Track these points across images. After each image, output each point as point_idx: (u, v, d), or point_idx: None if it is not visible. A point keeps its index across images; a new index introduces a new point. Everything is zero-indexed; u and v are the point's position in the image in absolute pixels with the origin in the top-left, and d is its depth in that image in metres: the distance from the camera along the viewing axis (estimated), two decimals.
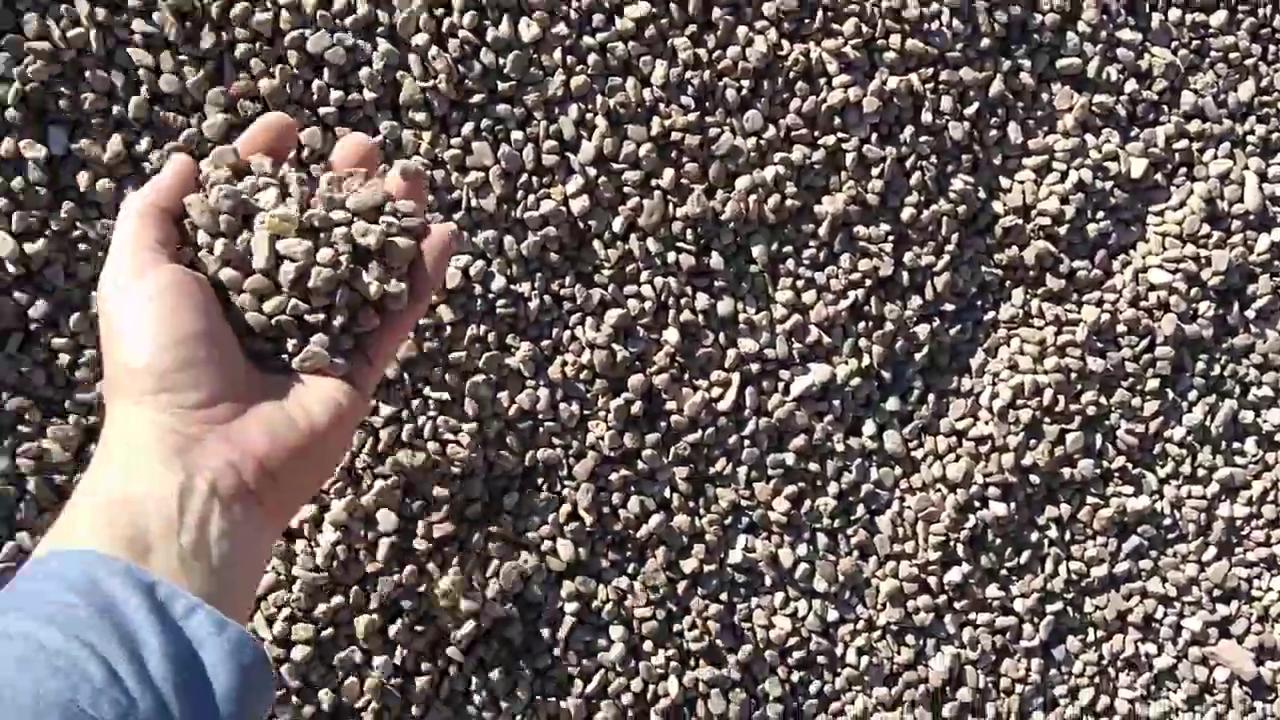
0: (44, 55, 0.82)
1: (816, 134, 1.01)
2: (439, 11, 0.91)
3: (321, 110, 0.89)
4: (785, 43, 0.99)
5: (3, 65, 0.83)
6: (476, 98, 0.93)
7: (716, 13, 0.97)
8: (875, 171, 1.02)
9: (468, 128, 0.93)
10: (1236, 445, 1.16)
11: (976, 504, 1.08)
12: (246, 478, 0.56)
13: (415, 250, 0.63)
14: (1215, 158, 1.13)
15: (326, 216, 0.60)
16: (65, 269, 0.85)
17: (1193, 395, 1.14)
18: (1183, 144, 1.11)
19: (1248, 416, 1.15)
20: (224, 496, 0.54)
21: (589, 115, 0.95)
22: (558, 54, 0.94)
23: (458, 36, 0.91)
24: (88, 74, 0.84)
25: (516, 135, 0.94)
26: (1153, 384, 1.12)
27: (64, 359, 0.86)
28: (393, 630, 0.91)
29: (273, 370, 0.62)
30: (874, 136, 1.02)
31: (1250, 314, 1.14)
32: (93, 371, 0.87)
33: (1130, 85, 1.10)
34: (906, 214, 1.04)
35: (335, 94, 0.89)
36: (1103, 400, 1.10)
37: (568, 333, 0.98)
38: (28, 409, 0.86)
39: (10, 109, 0.82)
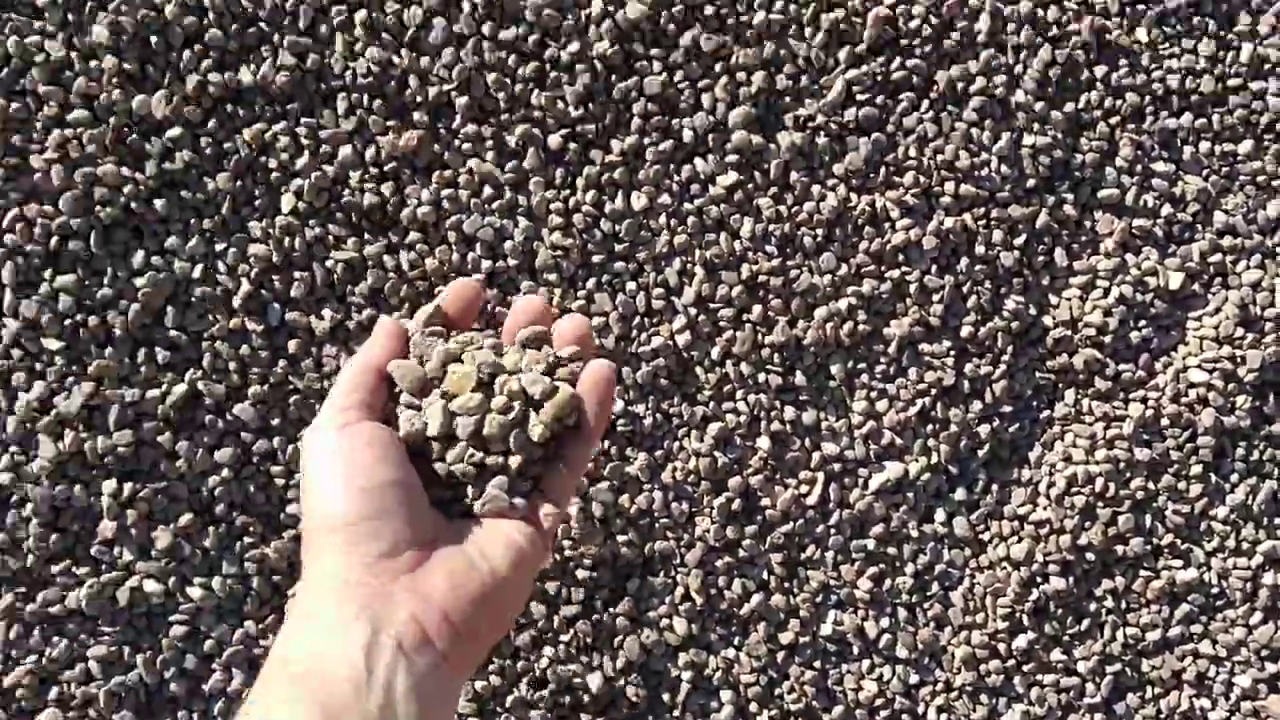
0: (262, 256, 1.06)
1: (883, 269, 1.19)
2: (565, 193, 1.13)
3: (474, 276, 1.11)
4: (853, 195, 1.18)
5: (233, 258, 1.07)
6: (597, 258, 1.14)
7: (794, 176, 1.17)
8: (936, 298, 1.20)
9: (591, 282, 1.14)
10: (1278, 520, 1.29)
11: (1039, 579, 1.24)
12: (431, 632, 0.58)
13: (577, 398, 0.67)
14: (1247, 268, 1.27)
15: (497, 365, 0.65)
16: (282, 412, 1.09)
17: (1234, 478, 1.28)
18: (1216, 258, 1.26)
19: None
20: (409, 652, 0.56)
21: (689, 265, 1.16)
22: (663, 219, 1.15)
23: (581, 211, 1.13)
24: (294, 267, 1.08)
25: (630, 285, 1.15)
26: (1196, 469, 1.27)
27: (279, 483, 1.09)
28: (538, 698, 1.12)
29: (457, 516, 0.66)
30: (934, 268, 1.20)
31: None
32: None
33: (1166, 209, 1.25)
34: (965, 331, 1.21)
35: (485, 263, 1.11)
36: (1150, 485, 1.26)
37: (676, 443, 1.18)
38: (252, 523, 1.09)
39: (237, 296, 1.06)
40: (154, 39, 1.03)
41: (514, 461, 0.65)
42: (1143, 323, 1.25)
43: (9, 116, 1.02)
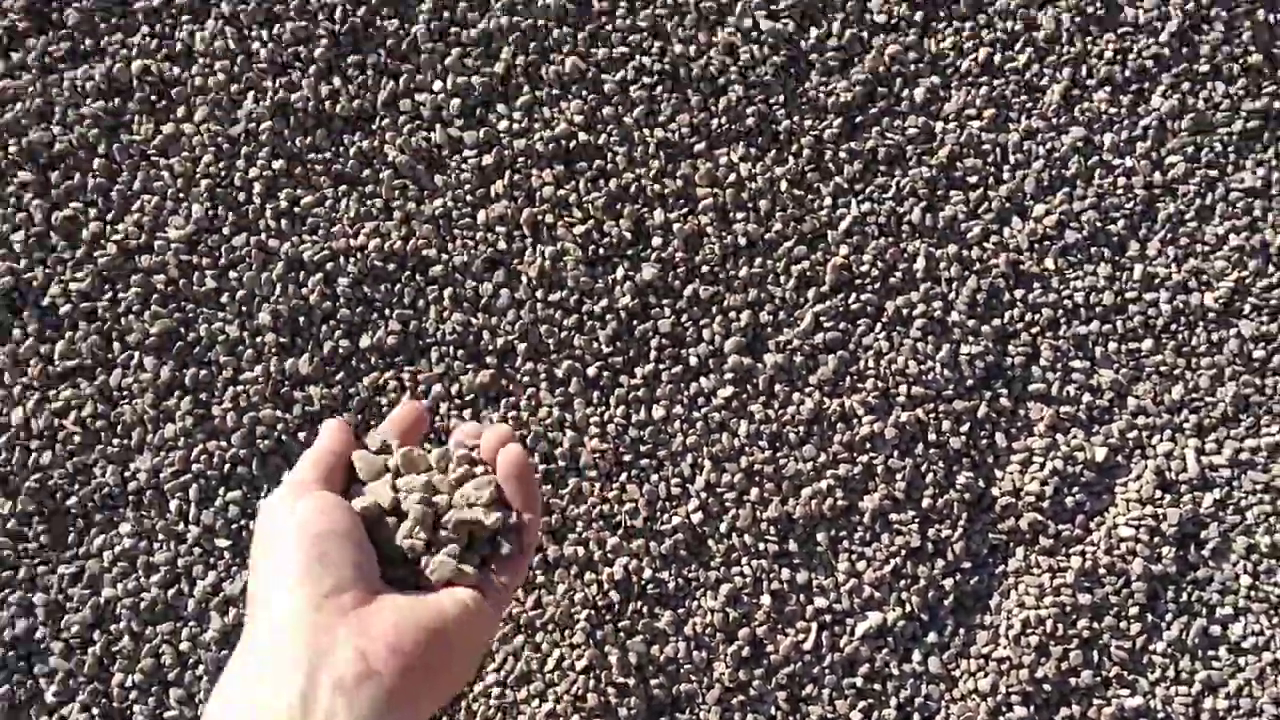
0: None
1: (855, 455, 1.53)
2: (601, 409, 1.50)
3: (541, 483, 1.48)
4: (826, 399, 1.53)
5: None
6: (627, 457, 1.50)
7: (778, 387, 1.52)
8: (899, 477, 1.53)
9: (623, 476, 1.50)
10: (1211, 652, 1.55)
11: (1004, 709, 1.52)
12: (375, 663, 0.58)
13: (503, 520, 0.78)
14: (1161, 441, 1.57)
15: (449, 500, 0.77)
16: None
17: (1168, 617, 1.55)
18: (1133, 434, 1.57)
19: (1216, 630, 1.55)
20: (351, 689, 0.56)
21: (699, 460, 1.51)
22: (677, 425, 1.51)
23: (614, 422, 1.49)
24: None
25: (654, 477, 1.50)
26: (1134, 610, 1.54)
27: None
28: None
29: (408, 590, 0.69)
30: (895, 453, 1.53)
31: (1206, 553, 1.56)
32: None
33: (1086, 397, 1.57)
34: (926, 503, 1.53)
35: (541, 465, 1.48)
36: (1095, 625, 1.54)
37: (695, 602, 1.50)
38: None
39: None
40: (301, 319, 1.45)
41: (460, 544, 0.73)
42: (1075, 489, 1.56)
43: (199, 382, 1.43)
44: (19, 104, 1.46)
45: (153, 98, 1.49)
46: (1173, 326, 1.58)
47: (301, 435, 1.43)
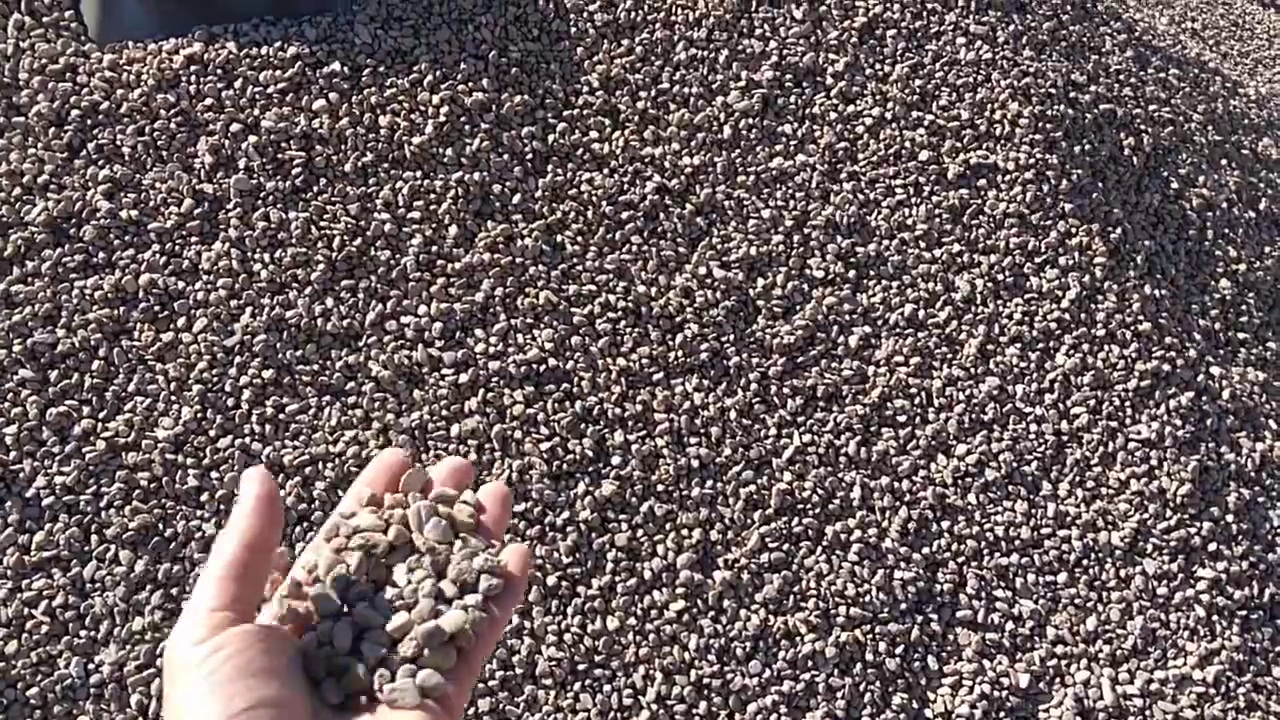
0: None
1: (797, 672, 1.66)
2: (559, 618, 1.62)
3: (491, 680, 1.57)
4: (771, 617, 1.67)
5: None
6: (582, 666, 1.61)
7: (726, 603, 1.66)
8: (839, 695, 1.65)
9: (577, 685, 1.60)
10: None
11: None
12: None
13: (474, 628, 0.65)
14: (1078, 669, 1.74)
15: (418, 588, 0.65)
16: None
17: None
18: (1054, 662, 1.73)
19: None
20: None
21: (651, 671, 1.62)
22: (630, 636, 1.63)
23: (570, 631, 1.61)
24: None
25: (607, 687, 1.61)
26: None
27: None
28: None
29: (359, 711, 0.61)
30: (835, 672, 1.67)
31: None
32: None
33: (1009, 625, 1.74)
34: None
35: (499, 673, 1.57)
36: None
37: None
38: None
39: None
40: None
41: (424, 654, 0.63)
42: (1002, 714, 1.70)
43: (171, 577, 1.53)
44: (29, 307, 1.62)
45: (156, 308, 1.66)
46: (1084, 562, 1.78)
47: None
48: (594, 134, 1.89)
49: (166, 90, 1.78)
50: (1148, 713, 1.71)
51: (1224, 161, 2.35)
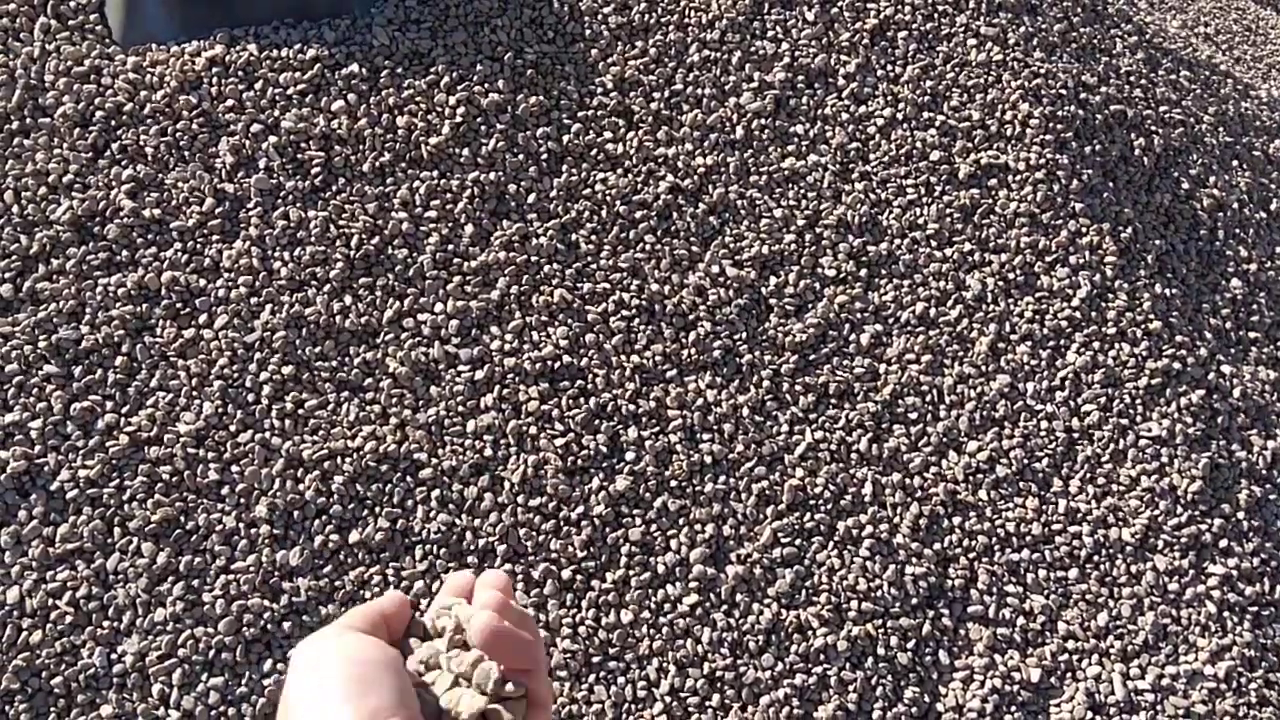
0: None
1: (810, 666, 1.68)
2: (574, 611, 1.65)
3: None
4: (784, 611, 1.70)
5: None
6: (596, 659, 1.64)
7: (739, 597, 1.69)
8: (851, 688, 1.68)
9: (592, 677, 1.63)
10: None
11: None
12: None
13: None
14: (1090, 664, 1.76)
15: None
16: None
17: None
18: (1064, 657, 1.76)
19: None
20: None
21: (664, 664, 1.65)
22: (644, 629, 1.66)
23: (585, 624, 1.64)
24: None
25: (620, 680, 1.64)
26: None
27: None
28: None
29: None
30: (847, 665, 1.69)
31: None
32: None
33: (1020, 621, 1.76)
34: (876, 715, 1.68)
35: None
36: None
37: None
38: None
39: None
40: (295, 513, 1.61)
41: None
42: (1014, 708, 1.72)
43: (193, 569, 1.57)
44: (54, 304, 1.66)
45: (178, 305, 1.70)
46: (1095, 558, 1.81)
47: (287, 625, 1.56)
48: (608, 134, 1.93)
49: (189, 91, 1.82)
50: (1159, 708, 1.73)
51: (1235, 163, 2.37)
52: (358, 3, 1.93)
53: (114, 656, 1.52)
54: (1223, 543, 1.83)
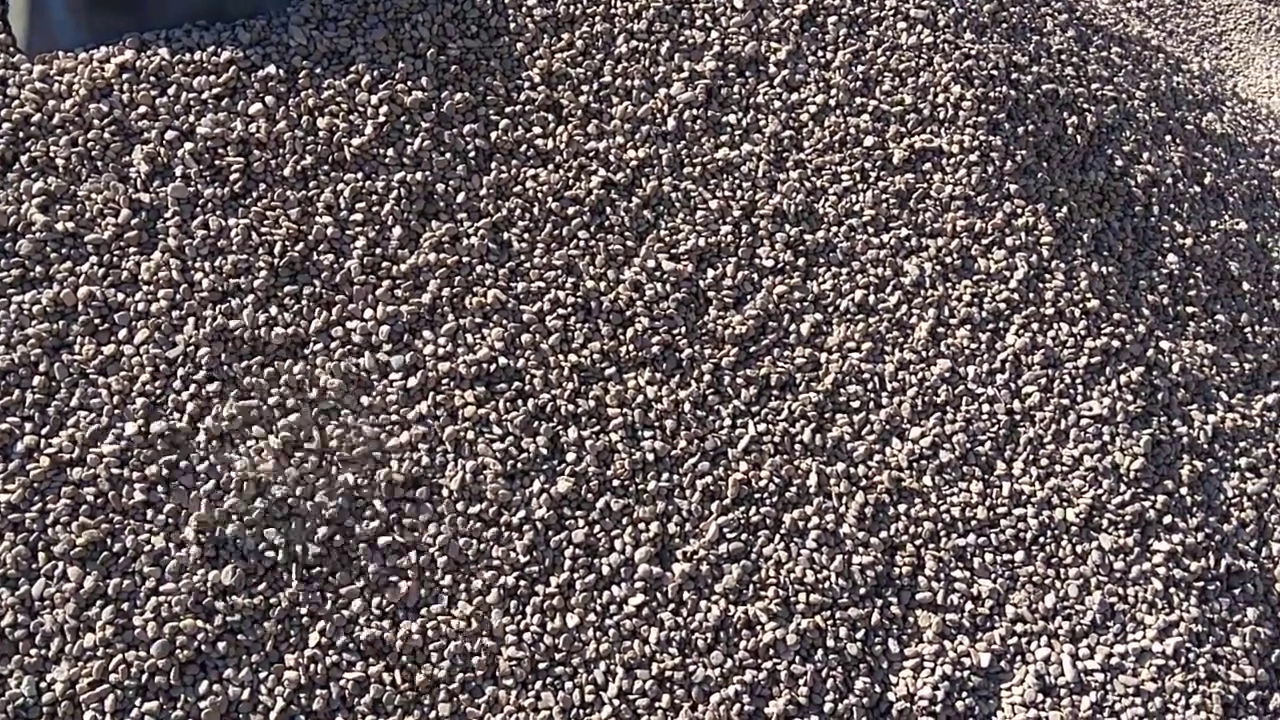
0: (292, 680, 1.55)
1: (759, 661, 1.70)
2: (518, 617, 1.65)
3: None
4: (731, 607, 1.71)
5: (271, 682, 1.55)
6: (543, 665, 1.64)
7: (686, 595, 1.70)
8: (801, 682, 1.69)
9: (538, 684, 1.63)
10: None
11: None
12: None
13: None
14: (1039, 646, 1.79)
15: None
16: None
17: None
18: (1014, 640, 1.78)
19: None
20: None
21: (612, 666, 1.65)
22: (590, 632, 1.66)
23: (530, 630, 1.64)
24: (315, 685, 1.56)
25: (568, 684, 1.64)
26: None
27: None
28: None
29: None
30: (797, 659, 1.71)
31: None
32: None
33: (969, 606, 1.79)
34: (828, 707, 1.70)
35: (459, 675, 1.60)
36: None
37: None
38: None
39: (273, 712, 1.54)
40: (228, 530, 1.59)
41: None
42: (965, 694, 1.75)
43: (122, 591, 1.54)
44: None
45: (96, 321, 1.67)
46: (1040, 539, 1.84)
47: (221, 645, 1.54)
48: (537, 129, 1.92)
49: (99, 99, 1.79)
50: (1109, 687, 1.76)
51: (1168, 138, 2.42)
52: (273, 2, 1.91)
53: (43, 685, 1.49)
54: (1166, 519, 1.87)
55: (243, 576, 1.58)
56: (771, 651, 1.70)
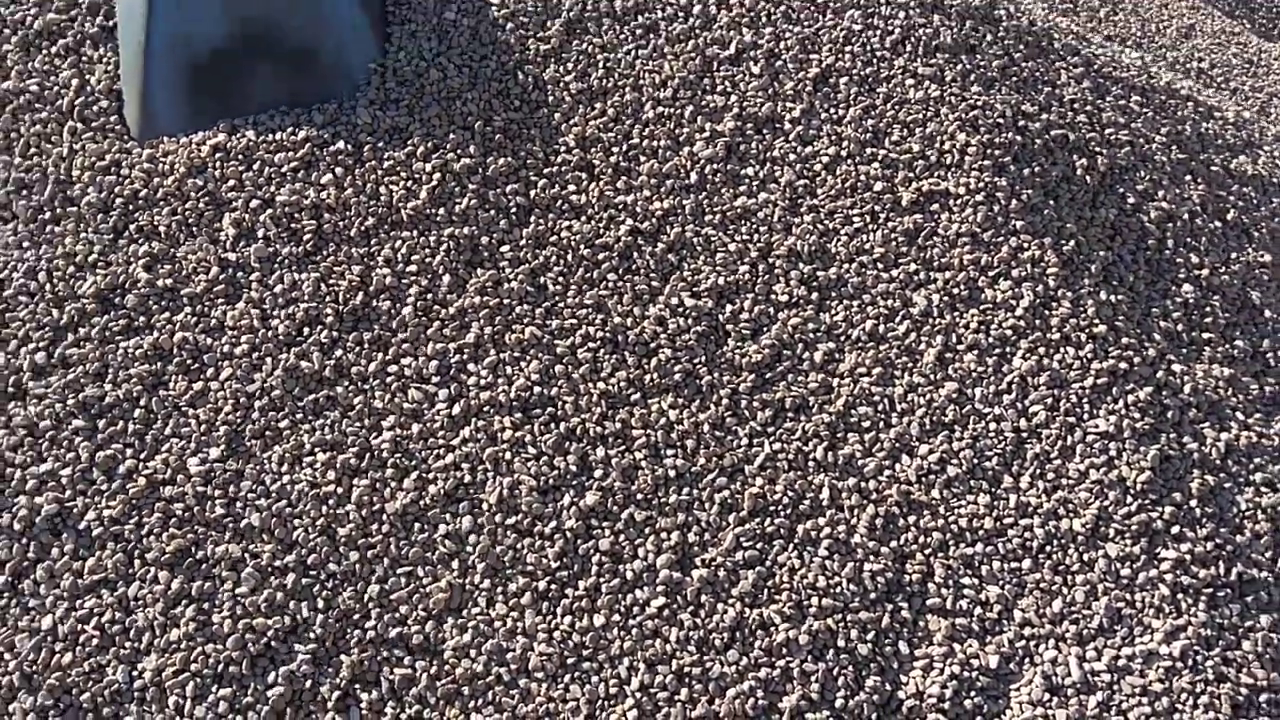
0: None
1: (773, 659, 1.83)
2: (549, 618, 1.82)
3: None
4: (747, 609, 1.85)
5: None
6: (570, 660, 1.80)
7: (704, 598, 1.85)
8: (814, 679, 1.82)
9: (567, 678, 1.79)
10: None
11: None
12: None
13: None
14: (1046, 649, 1.88)
15: None
16: None
17: None
18: (1021, 643, 1.88)
19: None
20: None
21: (635, 663, 1.81)
22: (615, 631, 1.82)
23: (560, 629, 1.81)
24: None
25: (594, 679, 1.80)
26: None
27: None
28: None
29: None
30: (809, 658, 1.84)
31: None
32: None
33: (977, 610, 1.89)
34: (839, 703, 1.81)
35: (495, 669, 1.78)
36: None
37: None
38: None
39: None
40: (297, 535, 1.82)
41: None
42: (973, 693, 1.84)
43: (203, 593, 1.78)
44: (80, 367, 1.91)
45: (188, 361, 1.94)
46: (1047, 548, 1.94)
47: (287, 641, 1.75)
48: (571, 186, 2.16)
49: (195, 175, 2.09)
50: (1116, 688, 1.84)
51: (1188, 177, 2.52)
52: (344, 87, 2.20)
53: (135, 673, 1.72)
54: (1174, 529, 1.94)
55: (306, 586, 1.80)
56: (785, 650, 1.83)
